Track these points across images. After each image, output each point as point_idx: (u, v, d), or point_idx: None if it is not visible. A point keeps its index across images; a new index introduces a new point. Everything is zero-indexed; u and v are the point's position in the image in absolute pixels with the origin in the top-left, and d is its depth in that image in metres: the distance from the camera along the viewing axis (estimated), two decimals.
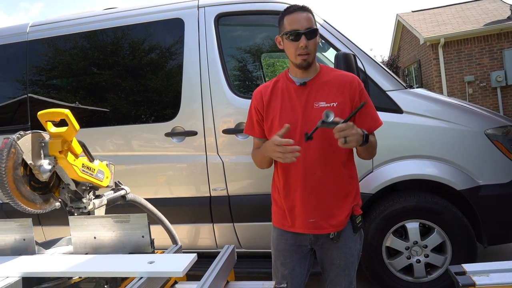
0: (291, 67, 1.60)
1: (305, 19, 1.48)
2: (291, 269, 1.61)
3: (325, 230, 1.55)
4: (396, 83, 2.51)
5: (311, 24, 1.49)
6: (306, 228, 1.56)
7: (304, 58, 1.50)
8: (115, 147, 2.83)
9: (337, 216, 1.55)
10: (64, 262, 1.18)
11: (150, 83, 2.81)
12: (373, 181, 2.45)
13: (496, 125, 2.41)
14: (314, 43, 1.51)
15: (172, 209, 2.58)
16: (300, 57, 1.50)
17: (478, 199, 2.35)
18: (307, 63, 1.52)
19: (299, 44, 1.48)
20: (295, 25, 1.48)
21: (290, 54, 1.54)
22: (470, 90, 10.70)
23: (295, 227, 1.58)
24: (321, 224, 1.54)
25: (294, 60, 1.53)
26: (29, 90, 2.98)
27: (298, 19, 1.48)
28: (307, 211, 1.54)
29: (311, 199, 1.53)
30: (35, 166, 1.30)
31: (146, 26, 2.82)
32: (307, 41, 1.48)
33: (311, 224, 1.55)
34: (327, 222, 1.54)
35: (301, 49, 1.48)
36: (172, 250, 1.36)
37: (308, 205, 1.54)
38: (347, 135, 1.32)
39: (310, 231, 1.56)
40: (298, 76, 1.58)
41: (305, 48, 1.48)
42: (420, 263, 2.48)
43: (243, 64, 3.13)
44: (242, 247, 2.74)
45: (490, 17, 11.03)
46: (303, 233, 1.58)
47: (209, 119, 2.64)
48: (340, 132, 1.32)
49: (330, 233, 1.55)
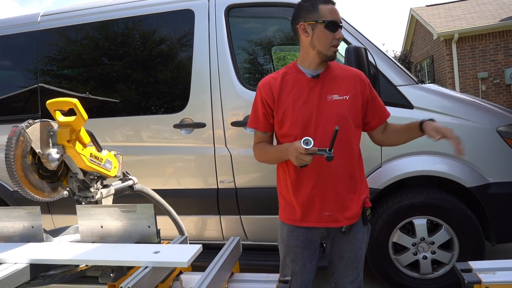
0: (306, 58, 1.55)
1: (339, 13, 1.52)
2: (301, 266, 1.60)
3: (340, 223, 1.54)
4: (407, 78, 2.47)
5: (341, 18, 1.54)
6: (320, 222, 1.54)
7: (335, 50, 1.52)
8: (124, 137, 2.85)
9: (351, 208, 1.54)
10: (71, 250, 1.20)
11: (159, 74, 2.82)
12: (381, 176, 2.43)
13: (508, 122, 2.36)
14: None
15: (180, 201, 2.59)
16: (334, 48, 1.51)
17: (487, 197, 2.32)
18: (336, 55, 1.54)
19: (335, 35, 1.49)
20: (335, 16, 1.49)
21: (323, 45, 1.50)
22: (483, 86, 10.50)
23: (307, 222, 1.55)
24: (336, 217, 1.53)
25: (326, 51, 1.51)
26: (39, 79, 3.01)
27: (335, 11, 1.50)
28: (323, 204, 1.52)
29: (327, 192, 1.51)
30: (43, 155, 1.32)
31: (156, 16, 2.82)
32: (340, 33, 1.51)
33: (326, 218, 1.53)
34: (342, 215, 1.53)
35: (337, 41, 1.50)
36: (177, 240, 1.37)
37: (324, 198, 1.52)
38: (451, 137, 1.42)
39: (324, 224, 1.54)
40: (311, 68, 1.55)
41: (336, 40, 1.50)
42: (426, 259, 2.47)
43: (253, 56, 3.11)
44: (248, 239, 2.75)
45: (507, 12, 10.76)
46: (316, 227, 1.56)
47: (218, 111, 2.64)
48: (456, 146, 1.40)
49: (343, 226, 1.55)
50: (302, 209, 1.56)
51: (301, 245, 1.59)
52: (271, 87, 1.56)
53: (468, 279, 1.09)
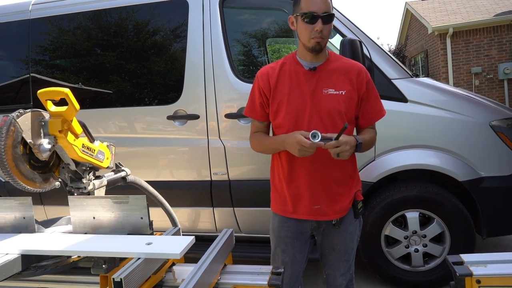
0: (301, 50, 1.55)
1: (323, 2, 1.44)
2: (291, 256, 1.61)
3: (329, 217, 1.55)
4: (401, 71, 2.47)
5: (328, 8, 1.45)
6: (310, 215, 1.55)
7: (318, 41, 1.46)
8: (117, 129, 2.82)
9: (340, 202, 1.55)
10: (63, 241, 1.19)
11: (153, 65, 2.79)
12: (374, 169, 2.44)
13: (501, 116, 2.38)
14: (329, 28, 1.48)
15: (173, 192, 2.58)
16: (314, 39, 1.46)
17: (479, 191, 2.34)
18: (320, 46, 1.48)
19: (314, 27, 1.44)
20: (313, 7, 1.43)
21: (303, 37, 1.49)
22: (477, 81, 10.57)
23: (297, 214, 1.57)
24: (325, 211, 1.54)
25: (307, 43, 1.48)
26: (31, 69, 2.97)
27: (316, 1, 1.43)
28: (313, 198, 1.53)
29: (317, 186, 1.53)
30: (34, 145, 1.30)
31: (150, 7, 2.78)
32: (322, 25, 1.44)
33: (316, 211, 1.54)
34: (331, 209, 1.54)
35: (315, 33, 1.44)
36: (170, 232, 1.36)
37: (314, 191, 1.53)
38: (341, 151, 1.37)
39: (313, 217, 1.56)
40: (307, 60, 1.54)
41: (319, 32, 1.44)
42: (418, 252, 2.49)
43: (248, 48, 3.09)
44: (241, 231, 2.75)
45: (501, 7, 10.80)
46: (306, 219, 1.58)
47: (212, 103, 2.62)
48: (334, 149, 1.36)
49: (333, 219, 1.55)
50: (293, 201, 1.57)
51: (291, 235, 1.60)
52: (268, 77, 1.57)
53: (460, 272, 1.10)
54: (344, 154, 1.38)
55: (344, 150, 1.37)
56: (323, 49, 1.51)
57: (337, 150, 1.36)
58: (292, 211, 1.58)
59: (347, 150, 1.37)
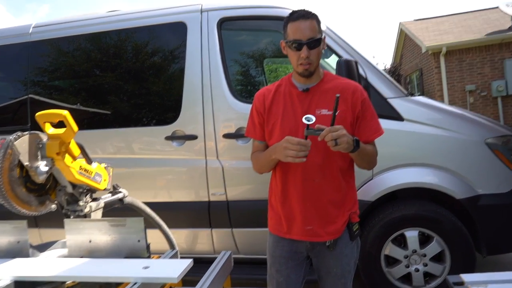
0: (295, 72, 1.59)
1: (308, 28, 1.45)
2: (286, 276, 1.60)
3: (322, 238, 1.53)
4: (397, 90, 2.50)
5: (314, 33, 1.45)
6: (303, 235, 1.54)
7: (306, 68, 1.48)
8: (115, 149, 2.82)
9: (334, 223, 1.53)
10: (58, 266, 1.17)
11: (151, 86, 2.81)
12: (372, 188, 2.44)
13: (496, 134, 2.40)
14: (317, 52, 1.49)
15: (171, 214, 2.56)
16: (302, 66, 1.48)
17: (477, 208, 2.34)
18: (309, 72, 1.50)
19: (300, 54, 1.46)
20: (297, 34, 1.45)
21: (292, 62, 1.53)
22: (471, 99, 10.69)
23: (291, 234, 1.57)
24: (318, 232, 1.53)
25: (296, 69, 1.52)
26: (30, 91, 2.98)
27: (301, 28, 1.44)
28: (305, 218, 1.52)
29: (309, 206, 1.52)
30: (31, 168, 1.29)
31: (149, 29, 2.82)
32: (308, 51, 1.45)
33: (308, 232, 1.53)
34: (324, 230, 1.52)
35: (302, 59, 1.47)
36: (168, 255, 1.35)
37: (306, 212, 1.52)
38: (337, 137, 1.30)
39: (306, 238, 1.55)
40: (301, 82, 1.56)
41: (306, 59, 1.46)
42: (418, 272, 2.46)
43: (246, 69, 3.13)
44: (240, 252, 2.72)
45: (492, 27, 11.05)
46: (300, 240, 1.56)
47: (210, 124, 2.63)
48: (330, 134, 1.30)
49: (326, 241, 1.54)
50: (287, 221, 1.57)
51: (285, 255, 1.59)
52: (264, 99, 1.60)
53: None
54: (342, 139, 1.31)
55: (341, 135, 1.30)
56: (313, 73, 1.52)
57: (334, 135, 1.29)
58: (286, 231, 1.57)
59: (344, 135, 1.31)
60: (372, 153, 1.57)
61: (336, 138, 1.30)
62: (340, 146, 1.32)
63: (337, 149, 1.33)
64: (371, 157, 1.57)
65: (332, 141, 1.31)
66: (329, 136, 1.30)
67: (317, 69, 1.54)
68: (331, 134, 1.30)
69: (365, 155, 1.51)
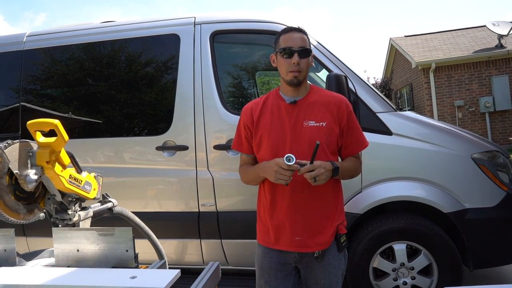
0: (282, 85, 1.63)
1: (300, 39, 1.54)
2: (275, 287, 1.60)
3: (311, 249, 1.55)
4: (386, 105, 2.55)
5: (305, 44, 1.55)
6: (291, 246, 1.56)
7: (295, 75, 1.53)
8: (106, 158, 2.81)
9: (322, 234, 1.55)
10: (44, 275, 1.16)
11: (143, 96, 2.83)
12: (361, 201, 2.46)
13: (482, 149, 2.45)
14: (306, 62, 1.55)
15: (160, 224, 2.55)
16: (292, 73, 1.53)
17: (464, 222, 2.37)
18: (298, 80, 1.55)
19: (291, 61, 1.52)
20: (289, 42, 1.54)
21: (282, 71, 1.58)
22: (460, 114, 10.90)
23: (279, 245, 1.58)
24: (307, 242, 1.54)
25: (285, 77, 1.56)
26: (22, 98, 2.97)
27: (292, 37, 1.54)
28: (293, 229, 1.54)
29: (298, 217, 1.54)
30: (21, 176, 1.29)
31: (142, 40, 2.85)
32: (299, 59, 1.52)
33: (297, 242, 1.55)
34: (313, 241, 1.54)
35: (293, 66, 1.52)
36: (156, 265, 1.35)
37: (295, 223, 1.54)
38: (316, 175, 1.40)
39: (295, 249, 1.56)
40: (288, 95, 1.61)
41: (297, 65, 1.52)
42: (406, 285, 2.47)
43: (237, 81, 3.16)
44: (229, 264, 2.70)
45: (479, 45, 11.35)
46: (288, 251, 1.57)
47: (201, 135, 2.65)
48: (309, 173, 1.39)
49: (315, 251, 1.55)
50: (275, 232, 1.58)
51: (274, 267, 1.60)
52: (252, 112, 1.64)
53: None
54: (321, 177, 1.41)
55: (320, 174, 1.40)
56: (302, 83, 1.58)
57: (313, 174, 1.39)
58: (274, 242, 1.59)
59: (322, 174, 1.40)
60: (353, 168, 1.63)
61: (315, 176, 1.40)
62: (319, 182, 1.42)
63: (316, 184, 1.43)
64: (352, 172, 1.65)
65: (312, 179, 1.40)
66: (307, 175, 1.40)
67: (305, 81, 1.59)
68: (309, 174, 1.39)
69: (346, 173, 1.59)
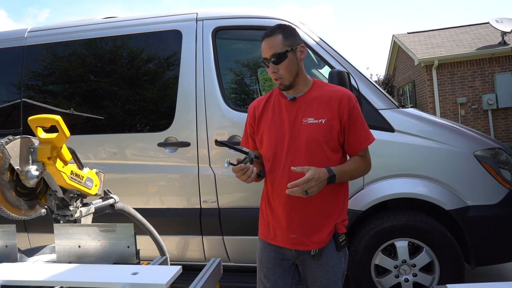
0: None
1: (269, 46, 1.47)
2: (273, 282, 1.61)
3: (307, 247, 1.54)
4: (388, 102, 2.54)
5: (275, 49, 1.46)
6: (287, 243, 1.56)
7: (280, 82, 1.52)
8: (108, 155, 2.81)
9: (319, 233, 1.53)
10: (46, 271, 1.16)
11: (145, 92, 2.82)
12: (363, 198, 2.45)
13: (485, 147, 2.44)
14: (285, 65, 1.48)
15: (162, 220, 2.55)
16: (276, 81, 1.53)
17: (466, 220, 2.36)
18: (284, 86, 1.53)
19: (269, 71, 1.51)
20: (263, 53, 1.50)
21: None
22: (463, 111, 10.85)
23: (276, 241, 1.59)
24: (303, 240, 1.54)
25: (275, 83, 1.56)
26: (23, 94, 2.97)
27: (263, 47, 1.50)
28: (289, 226, 1.54)
29: (294, 215, 1.53)
30: (22, 172, 1.29)
31: (144, 36, 2.84)
32: (274, 67, 1.48)
33: (293, 240, 1.55)
34: (309, 239, 1.53)
35: (273, 75, 1.51)
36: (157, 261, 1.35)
37: (291, 220, 1.53)
38: (308, 188, 1.37)
39: (291, 246, 1.56)
40: (290, 92, 1.59)
41: (275, 74, 1.50)
42: (408, 282, 2.47)
43: (239, 77, 3.15)
44: (230, 260, 2.71)
45: (482, 42, 11.28)
46: (285, 247, 1.58)
47: (203, 131, 2.64)
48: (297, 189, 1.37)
49: (311, 250, 1.54)
50: (273, 228, 1.59)
51: (272, 261, 1.61)
52: (255, 110, 1.66)
53: None
54: (312, 190, 1.38)
55: (310, 187, 1.37)
56: (291, 86, 1.53)
57: (304, 187, 1.36)
58: (272, 237, 1.60)
59: (313, 187, 1.37)
60: (355, 169, 1.56)
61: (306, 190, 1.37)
62: (311, 194, 1.39)
63: (309, 195, 1.40)
64: (355, 173, 1.57)
65: (303, 192, 1.37)
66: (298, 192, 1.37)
67: (298, 79, 1.54)
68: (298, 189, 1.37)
69: (347, 176, 1.54)
